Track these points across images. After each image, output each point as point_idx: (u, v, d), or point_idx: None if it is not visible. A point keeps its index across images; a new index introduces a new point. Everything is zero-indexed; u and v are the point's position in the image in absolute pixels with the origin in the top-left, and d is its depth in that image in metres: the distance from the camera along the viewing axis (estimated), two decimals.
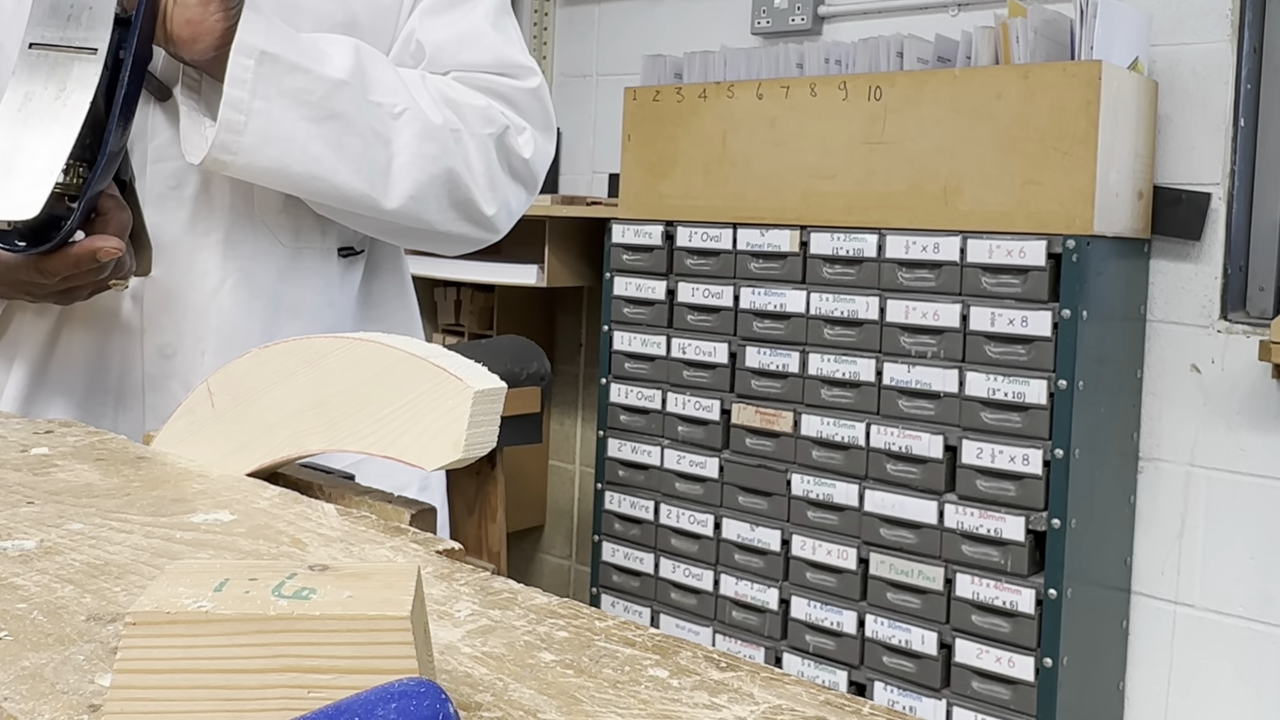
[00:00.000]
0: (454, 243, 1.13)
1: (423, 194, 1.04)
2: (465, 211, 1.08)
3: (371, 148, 1.00)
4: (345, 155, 0.99)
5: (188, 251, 1.03)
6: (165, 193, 1.02)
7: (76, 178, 0.89)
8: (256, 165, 0.96)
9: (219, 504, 0.65)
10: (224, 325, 1.03)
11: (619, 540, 2.47)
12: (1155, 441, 2.21)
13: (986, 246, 1.97)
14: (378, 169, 1.01)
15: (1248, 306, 2.20)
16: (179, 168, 1.02)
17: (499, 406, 0.62)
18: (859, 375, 2.12)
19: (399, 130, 1.01)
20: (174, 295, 1.03)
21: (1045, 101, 1.93)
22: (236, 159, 0.95)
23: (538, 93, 1.13)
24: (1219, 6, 2.14)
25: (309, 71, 0.97)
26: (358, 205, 1.02)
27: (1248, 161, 2.17)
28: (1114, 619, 2.20)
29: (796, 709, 0.42)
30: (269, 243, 1.06)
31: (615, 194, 2.77)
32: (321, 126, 0.98)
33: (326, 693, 0.38)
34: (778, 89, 2.23)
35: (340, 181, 0.99)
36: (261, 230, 1.06)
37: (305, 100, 0.97)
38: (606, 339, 2.51)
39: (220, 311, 1.03)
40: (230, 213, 1.04)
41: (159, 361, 1.03)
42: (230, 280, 1.04)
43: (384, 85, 1.01)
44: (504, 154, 1.09)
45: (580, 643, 0.47)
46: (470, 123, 1.06)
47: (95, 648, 0.45)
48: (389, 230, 1.09)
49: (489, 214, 1.09)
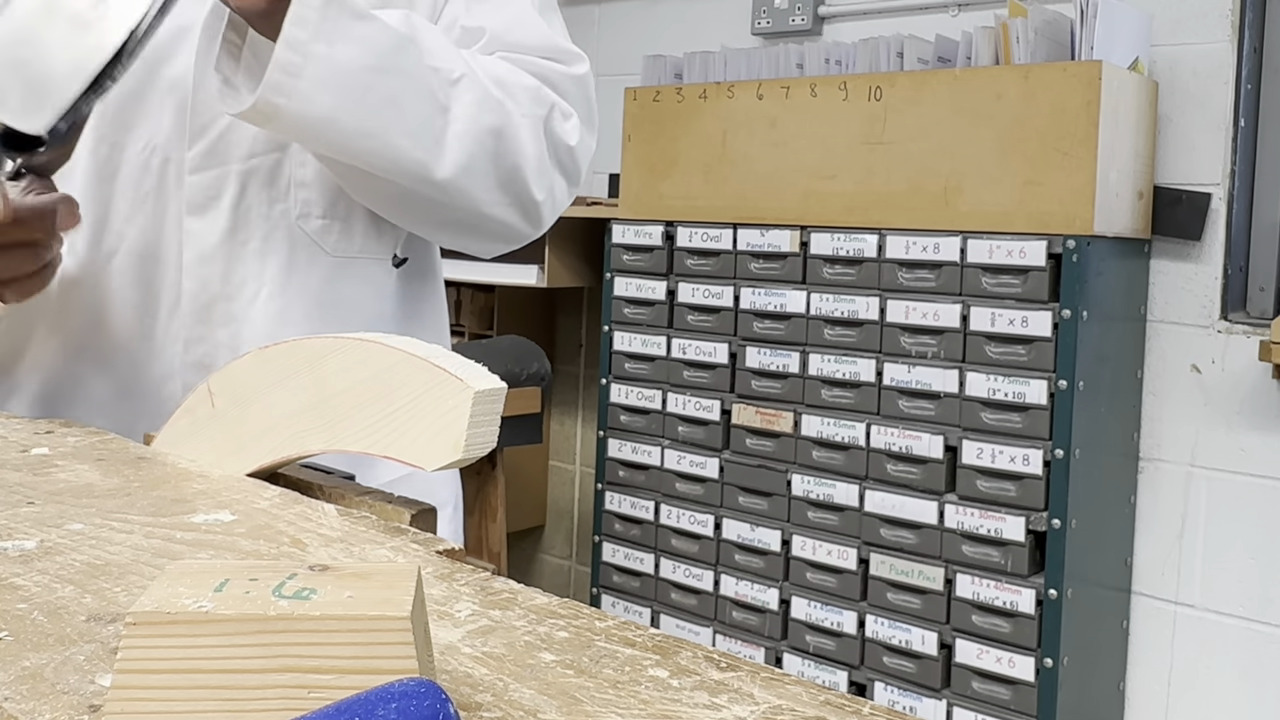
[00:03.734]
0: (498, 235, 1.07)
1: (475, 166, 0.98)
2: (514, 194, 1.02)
3: (429, 111, 0.94)
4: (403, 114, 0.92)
5: (226, 261, 1.00)
6: (204, 203, 1.00)
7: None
8: (310, 113, 0.88)
9: (219, 504, 0.65)
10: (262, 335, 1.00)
11: (619, 540, 2.47)
12: (1155, 442, 2.21)
13: (986, 247, 1.97)
14: (432, 134, 0.94)
15: (1248, 306, 2.20)
16: (217, 177, 1.00)
17: (499, 407, 0.62)
18: (859, 375, 2.12)
19: (456, 97, 0.95)
20: (212, 305, 1.01)
21: (1045, 102, 1.93)
22: (289, 104, 0.87)
23: (584, 81, 1.09)
24: (1219, 6, 2.14)
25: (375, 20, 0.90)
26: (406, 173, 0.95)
27: (1248, 161, 2.17)
28: (1114, 619, 2.20)
29: (797, 709, 0.42)
30: (312, 252, 1.03)
31: (615, 194, 2.77)
32: (384, 80, 0.91)
33: (327, 693, 0.38)
34: (778, 89, 2.23)
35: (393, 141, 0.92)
36: (301, 238, 1.03)
37: (371, 49, 0.90)
38: (607, 339, 2.51)
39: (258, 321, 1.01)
40: (267, 221, 1.01)
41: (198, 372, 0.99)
42: (267, 289, 1.01)
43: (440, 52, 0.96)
44: (551, 139, 1.04)
45: (580, 643, 0.47)
46: (521, 102, 1.01)
47: (95, 648, 0.45)
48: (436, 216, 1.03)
49: (538, 199, 1.04)
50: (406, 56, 0.92)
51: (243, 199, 1.01)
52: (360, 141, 0.92)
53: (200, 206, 1.00)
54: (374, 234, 1.06)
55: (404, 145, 0.93)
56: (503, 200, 1.02)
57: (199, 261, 1.00)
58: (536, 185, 1.03)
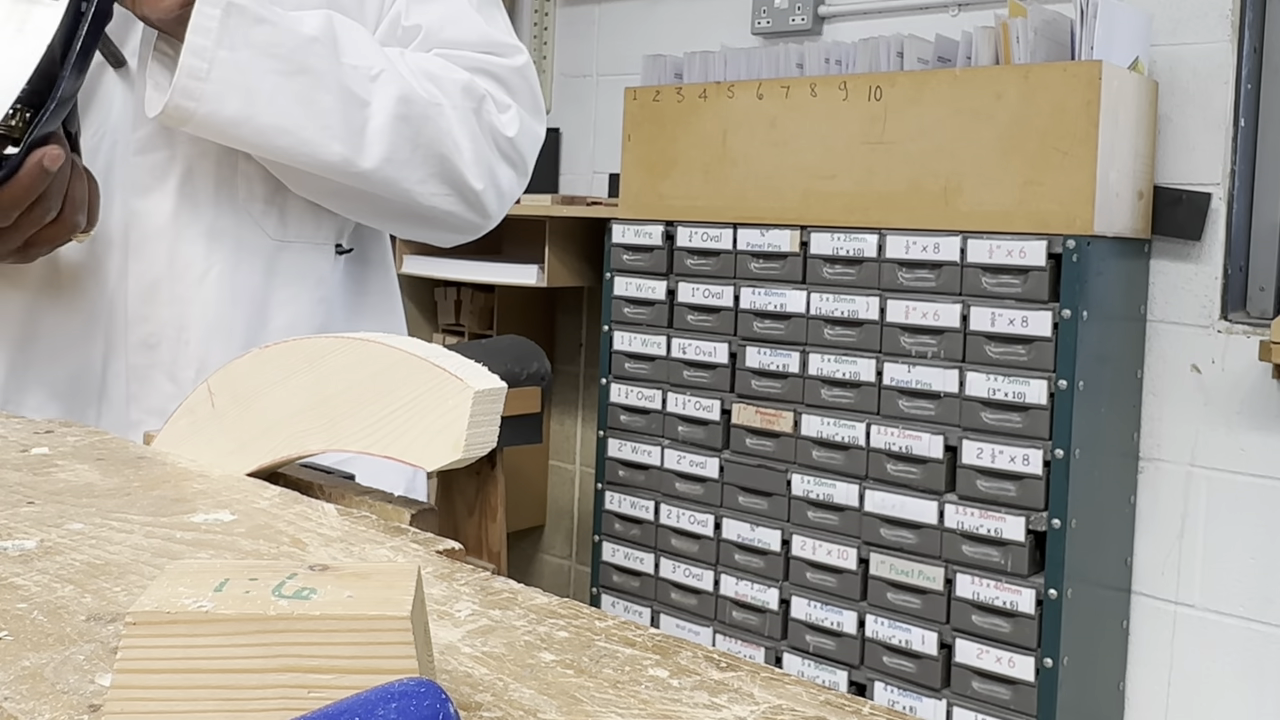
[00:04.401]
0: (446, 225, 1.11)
1: (401, 157, 1.02)
2: (450, 184, 1.06)
3: (347, 106, 0.99)
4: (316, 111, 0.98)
5: (171, 243, 1.02)
6: (149, 184, 1.02)
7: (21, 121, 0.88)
8: (221, 115, 0.94)
9: (219, 504, 0.65)
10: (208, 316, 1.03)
11: (619, 540, 2.47)
12: (1155, 441, 2.21)
13: (986, 246, 1.97)
14: (353, 128, 0.99)
15: (1248, 306, 2.20)
16: (162, 159, 1.02)
17: (499, 406, 0.62)
18: (859, 375, 2.12)
19: (376, 91, 1.00)
20: (158, 286, 1.02)
21: (1045, 101, 1.93)
22: (200, 107, 0.93)
23: (523, 71, 1.12)
24: (1219, 6, 2.14)
25: (277, 25, 0.96)
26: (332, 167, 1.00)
27: (1248, 161, 2.17)
28: (1114, 619, 2.20)
29: (797, 709, 0.42)
30: (255, 234, 1.06)
31: (615, 194, 2.77)
32: (291, 80, 0.96)
33: (326, 693, 0.38)
34: (778, 89, 2.23)
35: (310, 137, 0.98)
36: (246, 221, 1.05)
37: (273, 53, 0.95)
38: (607, 339, 2.51)
39: (204, 302, 1.03)
40: (214, 204, 1.04)
41: (143, 352, 1.03)
42: (214, 271, 1.04)
43: (359, 49, 1.00)
44: (487, 130, 1.08)
45: (580, 643, 0.47)
46: (451, 95, 1.05)
47: (95, 648, 0.45)
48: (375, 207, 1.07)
49: (477, 189, 1.08)
50: (315, 56, 0.97)
51: (189, 181, 1.03)
52: (277, 139, 0.97)
53: (146, 187, 1.02)
54: (311, 221, 1.09)
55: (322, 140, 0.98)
56: (439, 190, 1.06)
57: (144, 241, 1.02)
58: (473, 175, 1.07)
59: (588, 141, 3.11)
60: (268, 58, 0.95)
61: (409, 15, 1.10)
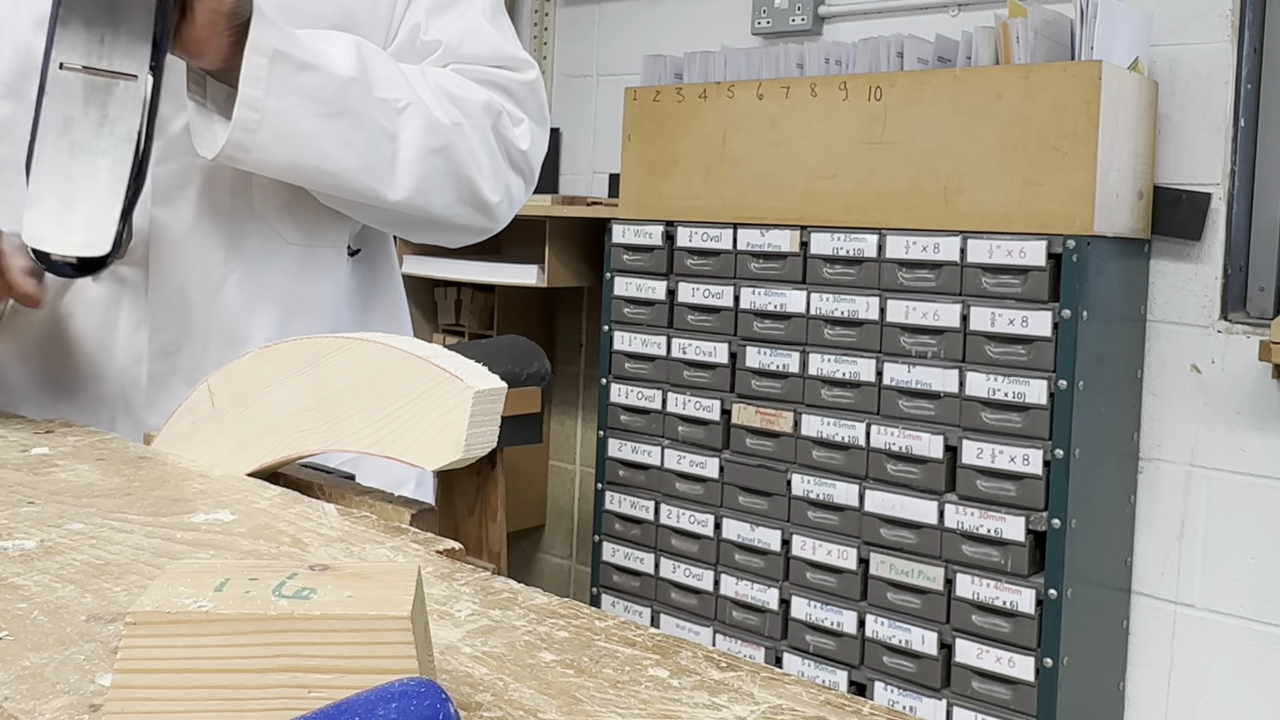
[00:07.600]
0: (458, 232, 1.15)
1: (427, 186, 1.05)
2: (470, 201, 1.10)
3: (377, 142, 1.02)
4: (353, 150, 1.01)
5: (192, 250, 1.04)
6: (170, 193, 1.03)
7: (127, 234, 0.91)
8: (269, 161, 0.98)
9: (219, 504, 0.65)
10: (228, 323, 1.05)
11: (619, 540, 2.47)
12: (1155, 441, 2.21)
13: (986, 246, 1.97)
14: (383, 162, 1.02)
15: (1248, 306, 2.20)
16: (183, 167, 1.03)
17: (499, 406, 0.62)
18: (859, 375, 2.12)
19: (403, 125, 1.03)
20: (178, 293, 1.04)
21: (1045, 101, 1.93)
22: (250, 156, 0.97)
23: (534, 86, 1.16)
24: (1219, 6, 2.14)
25: (319, 69, 0.98)
26: (364, 198, 1.04)
27: (1248, 161, 2.17)
28: (1114, 619, 2.20)
29: (796, 709, 0.42)
30: (274, 241, 1.08)
31: (615, 194, 2.77)
32: (332, 123, 0.99)
33: (327, 693, 0.38)
34: (778, 89, 2.23)
35: (348, 176, 1.01)
36: (265, 229, 1.07)
37: (317, 98, 0.98)
38: (607, 339, 2.51)
39: (224, 309, 1.05)
40: (233, 212, 1.05)
41: (162, 359, 1.04)
42: (233, 278, 1.05)
43: (387, 81, 1.03)
44: (503, 144, 1.12)
45: (580, 643, 0.47)
46: (472, 115, 1.08)
47: (96, 647, 0.45)
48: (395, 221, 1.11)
49: (493, 201, 1.11)
50: (353, 96, 1.00)
51: (209, 189, 1.04)
52: (319, 178, 1.01)
53: (166, 196, 1.03)
54: (325, 226, 1.11)
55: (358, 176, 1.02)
56: (460, 207, 1.10)
57: (165, 249, 1.03)
58: (490, 189, 1.11)
59: (588, 141, 3.11)
60: (312, 101, 0.98)
61: (428, 30, 1.13)
